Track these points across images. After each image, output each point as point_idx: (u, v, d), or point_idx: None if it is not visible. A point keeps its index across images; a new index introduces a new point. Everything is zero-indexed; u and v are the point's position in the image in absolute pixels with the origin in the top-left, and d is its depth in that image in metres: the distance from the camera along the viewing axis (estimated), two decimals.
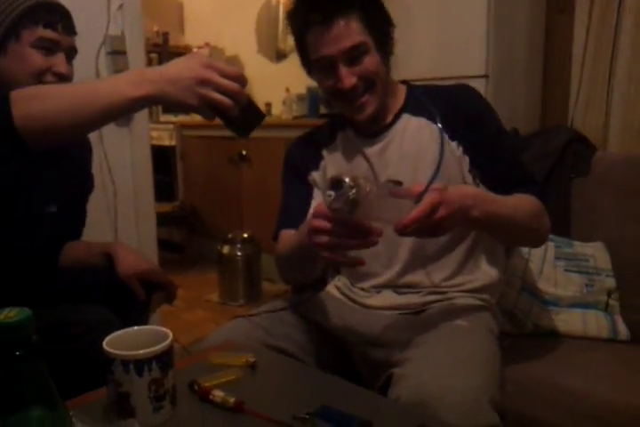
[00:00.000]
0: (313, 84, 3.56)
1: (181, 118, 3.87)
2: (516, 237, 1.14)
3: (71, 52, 1.17)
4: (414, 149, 1.17)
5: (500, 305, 1.30)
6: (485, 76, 2.24)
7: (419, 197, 0.83)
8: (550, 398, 1.20)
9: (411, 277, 1.19)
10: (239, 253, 2.86)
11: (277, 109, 3.62)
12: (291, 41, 4.14)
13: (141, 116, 2.13)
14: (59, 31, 1.12)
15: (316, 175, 1.26)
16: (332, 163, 1.25)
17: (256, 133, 0.93)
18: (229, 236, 2.92)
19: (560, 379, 1.22)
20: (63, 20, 1.13)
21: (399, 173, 1.15)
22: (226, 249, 2.90)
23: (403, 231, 0.82)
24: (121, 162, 2.08)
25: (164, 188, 3.82)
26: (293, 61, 1.14)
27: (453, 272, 1.19)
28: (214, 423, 0.74)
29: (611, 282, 1.48)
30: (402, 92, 1.23)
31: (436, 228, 0.86)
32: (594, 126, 2.29)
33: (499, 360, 1.00)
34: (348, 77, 1.10)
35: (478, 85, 1.95)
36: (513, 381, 1.16)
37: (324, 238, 0.84)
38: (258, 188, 3.23)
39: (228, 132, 0.92)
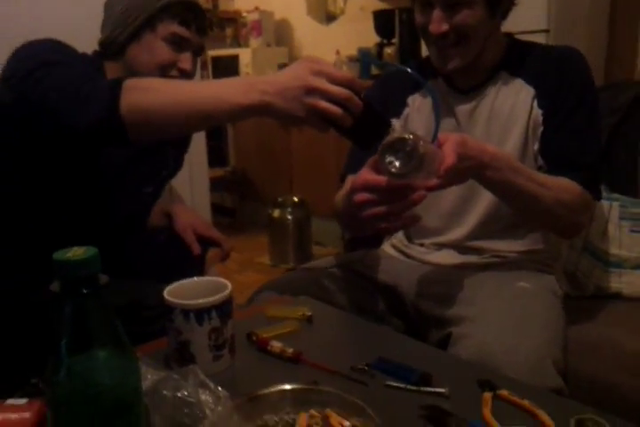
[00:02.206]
0: (363, 45, 3.48)
1: None
2: (534, 217, 1.06)
3: (198, 51, 1.19)
4: (506, 112, 1.10)
5: (560, 266, 1.26)
6: (546, 31, 2.14)
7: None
8: (613, 360, 1.17)
9: (479, 243, 1.16)
10: (289, 217, 2.88)
11: None
12: (341, 2, 4.02)
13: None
14: (192, 30, 1.13)
15: (395, 123, 1.19)
16: (417, 114, 1.18)
17: None
18: (280, 200, 2.94)
19: (625, 340, 1.18)
20: (198, 20, 1.14)
21: (487, 134, 1.11)
22: (276, 213, 2.91)
23: (445, 180, 0.80)
24: None
25: (215, 153, 3.84)
26: (343, 23, 1.10)
27: (522, 242, 1.15)
28: (273, 373, 0.75)
29: None
30: (502, 45, 1.13)
31: (457, 177, 0.84)
32: None
33: (563, 322, 0.97)
34: (439, 23, 1.02)
35: (539, 39, 1.85)
36: (575, 341, 1.13)
37: (374, 211, 0.80)
38: (308, 152, 3.22)
39: None
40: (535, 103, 1.07)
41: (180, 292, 0.77)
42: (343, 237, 2.96)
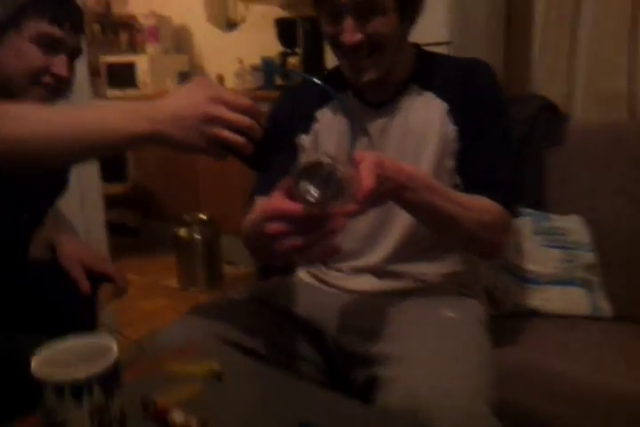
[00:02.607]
0: (267, 54, 3.38)
1: (129, 93, 3.64)
2: (454, 239, 1.01)
3: (75, 53, 1.04)
4: (419, 128, 1.04)
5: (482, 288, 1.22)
6: (448, 43, 2.14)
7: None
8: (534, 384, 1.14)
9: (398, 266, 1.08)
10: (197, 236, 2.72)
11: (230, 82, 3.43)
12: (242, 8, 3.90)
13: (82, 88, 1.94)
14: (65, 28, 0.99)
15: (305, 139, 1.11)
16: (328, 130, 1.10)
17: None
18: (186, 217, 2.77)
19: (544, 363, 1.15)
20: (71, 17, 1.00)
21: (401, 152, 1.04)
22: (182, 232, 2.74)
23: (364, 204, 0.72)
24: None
25: (112, 167, 3.60)
26: (245, 31, 1.02)
27: (443, 264, 1.09)
28: None
29: (590, 257, 1.42)
30: (411, 56, 1.08)
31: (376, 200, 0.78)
32: (558, 94, 2.21)
33: (492, 355, 0.91)
34: (352, 33, 0.95)
35: (442, 51, 1.84)
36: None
37: (289, 242, 0.70)
38: (214, 165, 3.07)
39: None
40: (449, 119, 1.03)
41: (54, 358, 0.63)
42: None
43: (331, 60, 1.05)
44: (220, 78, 3.53)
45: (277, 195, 0.72)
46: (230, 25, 3.67)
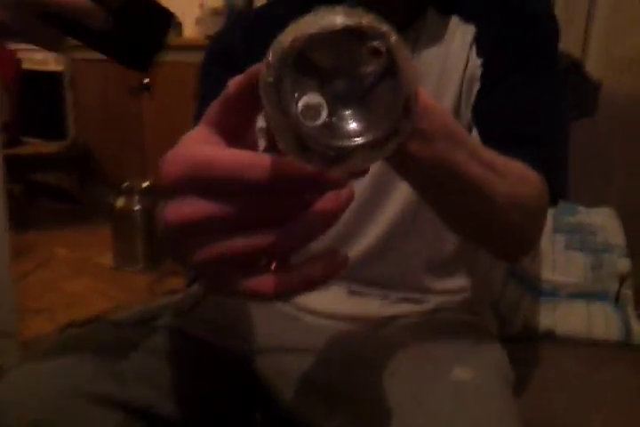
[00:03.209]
0: None
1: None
2: (473, 227, 0.59)
3: None
4: (438, 64, 0.70)
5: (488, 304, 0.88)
6: None
7: None
8: None
9: (381, 268, 0.75)
10: (137, 207, 2.32)
11: (190, 30, 2.99)
12: None
13: None
14: None
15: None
16: None
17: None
18: (125, 185, 2.36)
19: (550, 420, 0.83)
20: None
21: None
22: (121, 202, 2.34)
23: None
24: None
25: (50, 123, 3.16)
26: None
27: (445, 269, 0.75)
28: None
29: (624, 264, 1.08)
30: None
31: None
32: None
33: None
34: None
35: None
36: None
37: (234, 244, 0.31)
38: (164, 124, 2.66)
39: None
40: (475, 49, 0.67)
41: None
42: None
43: None
44: (179, 26, 3.08)
45: (213, 128, 0.35)
46: None
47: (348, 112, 0.29)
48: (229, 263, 0.31)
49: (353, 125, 0.29)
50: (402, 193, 0.71)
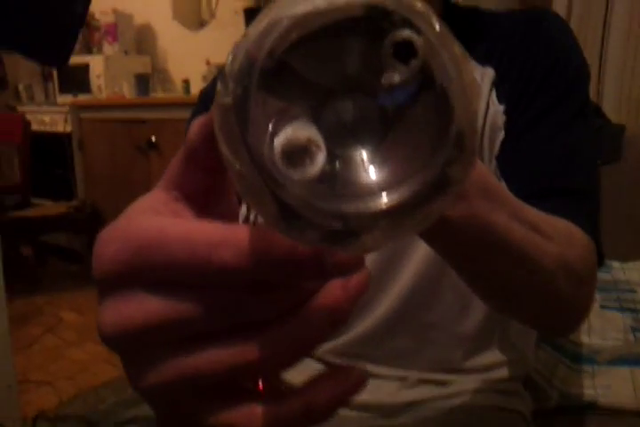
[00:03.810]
0: None
1: (81, 98, 3.20)
2: (513, 299, 0.49)
3: None
4: None
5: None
6: None
7: None
8: None
9: (397, 343, 0.66)
10: None
11: (197, 86, 3.01)
12: (211, 4, 3.50)
13: None
14: None
15: None
16: None
17: (167, 114, 0.35)
18: None
19: None
20: None
21: None
22: None
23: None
24: None
25: (59, 184, 3.15)
26: (213, 29, 0.69)
27: (473, 341, 0.66)
28: None
29: None
30: (436, 10, 0.65)
31: None
32: None
33: None
34: None
35: None
36: None
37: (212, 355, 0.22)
38: None
39: (135, 113, 0.34)
40: (495, 94, 0.60)
41: None
42: None
43: None
44: (186, 82, 3.11)
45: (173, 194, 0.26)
46: (199, 23, 3.26)
47: (360, 153, 0.18)
48: (195, 387, 0.22)
49: (370, 176, 0.18)
50: (420, 254, 0.63)
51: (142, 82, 3.01)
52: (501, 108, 0.59)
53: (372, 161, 0.18)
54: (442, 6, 0.65)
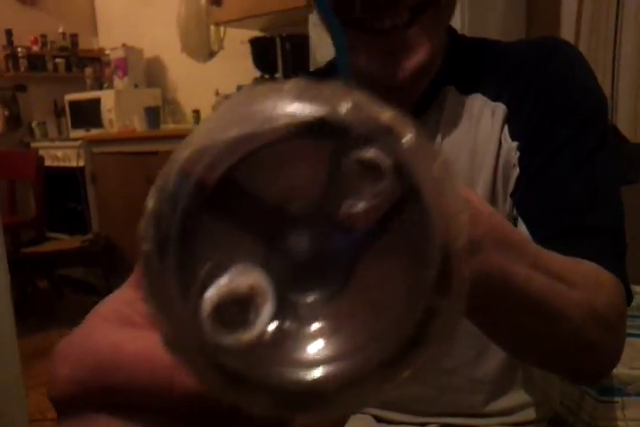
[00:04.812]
0: (244, 82, 2.99)
1: (93, 133, 3.24)
2: (538, 346, 0.46)
3: None
4: (468, 147, 0.60)
5: None
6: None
7: None
8: None
9: (415, 389, 0.62)
10: None
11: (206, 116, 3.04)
12: (218, 35, 3.53)
13: None
14: None
15: None
16: None
17: (178, 145, 0.32)
18: None
19: None
20: None
21: None
22: None
23: None
24: None
25: (73, 218, 3.17)
26: (223, 59, 0.70)
27: (494, 384, 0.63)
28: None
29: None
30: (443, 44, 0.63)
31: None
32: None
33: None
34: None
35: None
36: None
37: None
38: None
39: (146, 146, 0.32)
40: (508, 131, 0.57)
41: None
42: None
43: None
44: (196, 113, 3.14)
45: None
46: (207, 54, 3.30)
47: (318, 301, 0.15)
48: None
49: (334, 333, 0.14)
50: None
51: (152, 114, 3.04)
52: (515, 144, 0.57)
53: (331, 314, 0.14)
54: (448, 40, 0.62)
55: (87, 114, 3.28)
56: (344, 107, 0.14)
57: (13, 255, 2.29)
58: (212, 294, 0.14)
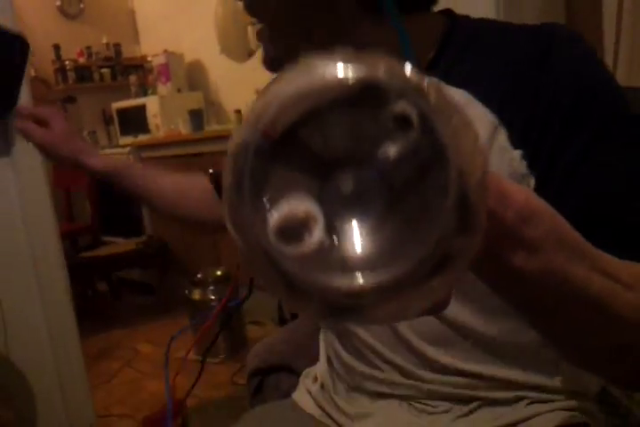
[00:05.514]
0: None
1: (141, 138, 3.34)
2: (591, 349, 0.44)
3: None
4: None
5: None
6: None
7: None
8: None
9: (477, 370, 0.62)
10: (212, 297, 2.29)
11: None
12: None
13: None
14: None
15: None
16: None
17: (223, 146, 0.36)
18: (199, 276, 2.36)
19: None
20: None
21: None
22: (196, 294, 2.33)
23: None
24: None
25: (128, 222, 3.28)
26: (260, 58, 0.73)
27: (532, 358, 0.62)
28: None
29: None
30: (438, 30, 0.59)
31: None
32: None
33: None
34: None
35: None
36: None
37: None
38: None
39: (191, 148, 0.36)
40: (502, 139, 0.53)
41: None
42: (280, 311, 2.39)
43: None
44: (238, 113, 3.19)
45: None
46: (245, 54, 3.34)
47: (359, 226, 0.18)
48: None
49: (371, 250, 0.18)
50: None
51: (196, 117, 3.11)
52: (518, 153, 0.53)
53: (369, 236, 0.18)
54: (447, 26, 0.59)
55: (134, 120, 3.39)
56: (381, 69, 0.17)
57: (72, 260, 2.40)
58: (276, 215, 0.18)
